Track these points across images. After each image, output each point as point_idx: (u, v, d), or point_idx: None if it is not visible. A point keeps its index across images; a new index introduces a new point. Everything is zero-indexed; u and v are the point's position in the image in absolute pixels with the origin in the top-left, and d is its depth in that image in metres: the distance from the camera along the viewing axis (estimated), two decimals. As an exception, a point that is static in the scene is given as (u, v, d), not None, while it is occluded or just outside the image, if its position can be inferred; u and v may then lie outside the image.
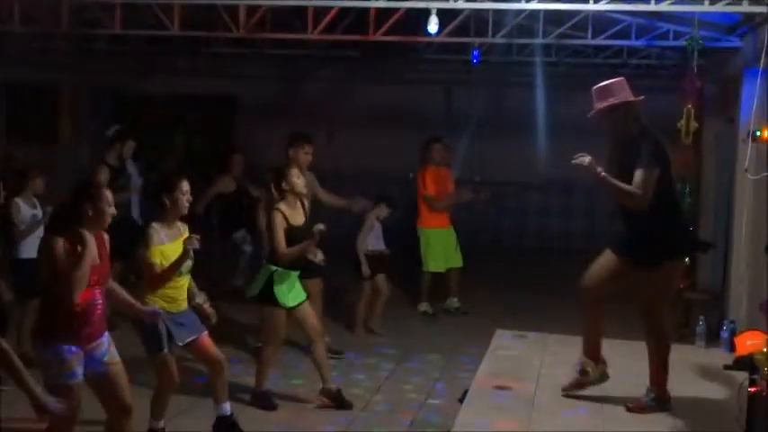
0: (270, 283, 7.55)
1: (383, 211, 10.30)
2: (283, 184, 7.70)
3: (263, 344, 7.90)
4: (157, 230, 6.57)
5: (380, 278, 10.32)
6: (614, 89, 6.61)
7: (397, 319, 10.81)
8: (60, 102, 16.42)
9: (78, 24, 11.07)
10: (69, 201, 5.60)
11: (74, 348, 5.46)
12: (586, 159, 6.44)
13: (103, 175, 10.00)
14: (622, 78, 6.72)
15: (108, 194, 5.66)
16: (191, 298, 6.79)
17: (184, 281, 6.69)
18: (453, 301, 11.64)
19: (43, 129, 15.91)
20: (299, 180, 7.73)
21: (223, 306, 10.10)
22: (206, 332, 6.80)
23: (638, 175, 6.36)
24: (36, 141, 15.01)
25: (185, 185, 6.66)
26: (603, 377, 6.98)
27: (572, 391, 7.00)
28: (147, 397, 6.76)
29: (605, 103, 6.59)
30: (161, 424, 6.77)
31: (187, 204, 6.69)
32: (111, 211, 5.62)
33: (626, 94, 6.60)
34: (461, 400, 7.19)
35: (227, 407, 6.94)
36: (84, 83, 16.48)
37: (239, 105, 17.95)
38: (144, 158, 11.82)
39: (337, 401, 7.76)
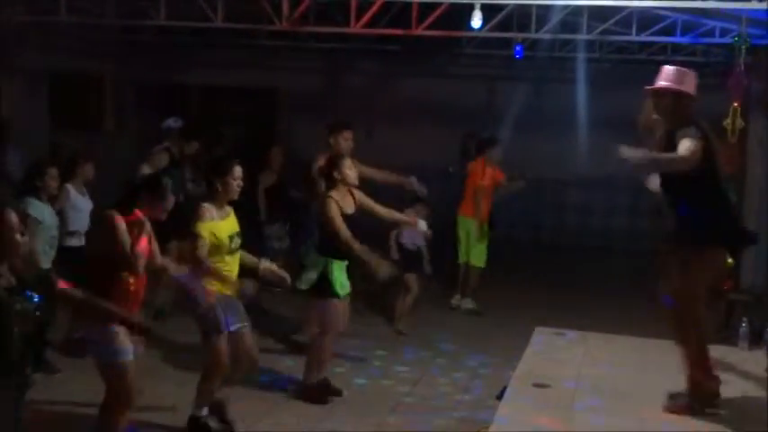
0: (325, 274, 7.54)
1: (423, 210, 10.29)
2: (335, 174, 7.67)
3: (319, 335, 7.74)
4: (208, 209, 6.63)
5: (411, 277, 10.29)
6: (676, 77, 6.50)
7: (435, 315, 10.79)
8: (104, 91, 16.55)
9: (124, 15, 11.15)
10: (132, 189, 5.83)
11: (122, 328, 5.61)
12: (626, 151, 6.32)
13: (163, 161, 10.00)
14: (694, 72, 6.59)
15: (169, 194, 5.84)
16: (254, 267, 6.81)
17: (236, 260, 6.74)
18: (467, 302, 11.59)
19: (87, 117, 16.04)
20: (350, 171, 7.71)
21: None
22: (249, 325, 6.82)
23: (682, 143, 6.22)
24: (79, 129, 15.13)
25: (238, 171, 6.73)
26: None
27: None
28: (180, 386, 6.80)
29: (665, 85, 6.48)
30: (204, 411, 6.77)
31: (238, 189, 6.74)
32: (167, 208, 5.83)
33: (681, 85, 6.48)
34: (499, 398, 7.16)
35: (205, 410, 6.84)
36: (127, 73, 16.60)
37: (281, 98, 17.99)
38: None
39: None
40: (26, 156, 10.73)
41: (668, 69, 6.54)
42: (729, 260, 8.26)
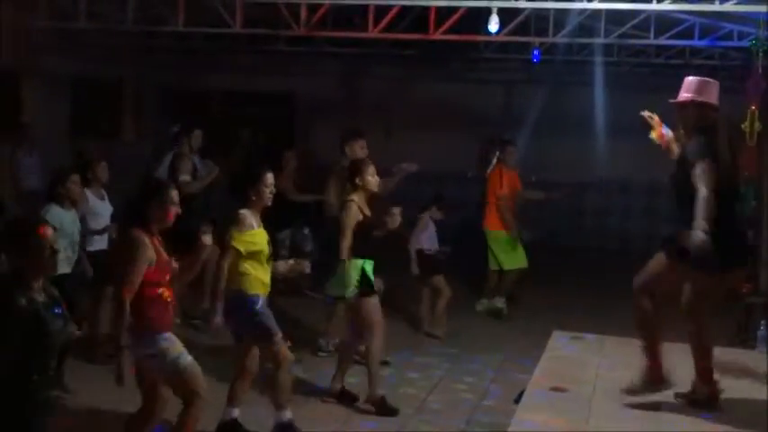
0: (364, 275, 7.53)
1: (436, 213, 10.31)
2: (357, 180, 7.68)
3: (370, 341, 7.61)
4: (247, 216, 6.70)
5: (439, 279, 10.31)
6: (699, 88, 6.51)
7: (453, 319, 10.79)
8: (123, 97, 16.64)
9: (142, 21, 11.21)
10: (137, 198, 5.82)
11: (167, 334, 5.71)
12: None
13: (186, 166, 10.06)
14: (717, 83, 6.58)
15: (176, 195, 5.83)
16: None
17: (269, 268, 6.83)
18: (498, 300, 11.59)
19: (106, 123, 16.12)
20: (372, 178, 7.70)
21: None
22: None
23: (696, 169, 6.25)
24: (99, 136, 15.21)
25: (269, 178, 6.79)
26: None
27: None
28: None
29: (687, 96, 6.49)
30: (287, 415, 6.79)
31: (270, 196, 6.80)
32: (175, 209, 5.80)
33: (704, 96, 6.48)
34: (517, 401, 7.17)
35: (288, 413, 6.85)
36: (146, 79, 16.69)
37: (299, 103, 18.05)
38: (210, 155, 11.80)
39: (342, 397, 7.81)
40: (45, 162, 10.82)
41: (691, 80, 6.54)
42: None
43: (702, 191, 6.16)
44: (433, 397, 8.19)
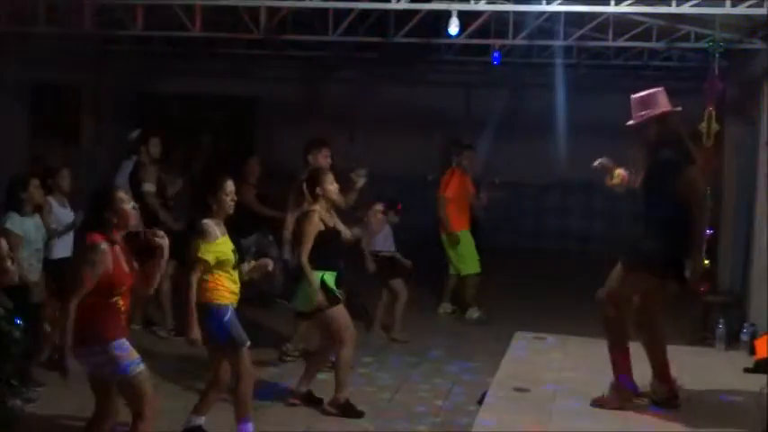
0: (325, 286, 7.48)
1: (393, 218, 10.30)
2: (317, 190, 7.64)
3: (340, 350, 7.57)
4: (211, 225, 6.62)
5: (397, 282, 10.31)
6: (650, 101, 6.57)
7: (417, 322, 10.81)
8: (83, 102, 16.48)
9: (101, 25, 11.13)
10: (91, 208, 5.74)
11: (126, 341, 5.62)
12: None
13: (151, 175, 9.96)
14: (661, 90, 6.66)
15: (125, 195, 5.77)
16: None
17: (237, 276, 6.76)
18: (473, 311, 11.60)
19: (65, 129, 15.96)
20: (332, 186, 7.68)
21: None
22: None
23: (680, 182, 6.36)
24: (58, 141, 15.08)
25: (230, 186, 6.71)
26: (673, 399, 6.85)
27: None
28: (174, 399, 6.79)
29: (640, 117, 6.55)
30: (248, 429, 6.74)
31: (232, 204, 6.73)
32: (132, 210, 5.74)
33: (660, 107, 6.55)
34: (480, 402, 7.20)
35: (250, 426, 6.80)
36: (106, 83, 16.56)
37: (260, 107, 18.00)
38: (170, 160, 11.73)
39: (308, 401, 7.79)
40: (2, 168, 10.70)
41: (638, 99, 6.61)
42: (706, 261, 8.34)
43: (695, 203, 6.26)
44: (397, 398, 8.20)
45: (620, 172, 6.87)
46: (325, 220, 7.60)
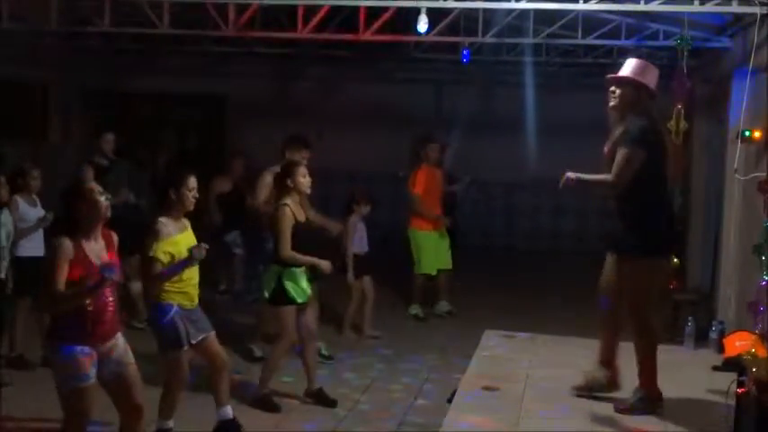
0: (280, 283, 7.49)
1: (365, 208, 10.24)
2: (288, 182, 7.61)
3: (274, 345, 7.73)
4: (165, 224, 6.51)
5: (366, 280, 10.29)
6: (640, 70, 6.59)
7: (388, 321, 10.80)
8: (49, 100, 16.35)
9: (67, 22, 11.01)
10: (63, 204, 5.62)
11: (86, 349, 5.44)
12: (566, 176, 6.49)
13: (88, 174, 9.90)
14: (656, 69, 6.68)
15: (96, 186, 5.66)
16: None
17: (195, 274, 6.65)
18: (443, 305, 11.59)
19: (32, 126, 15.83)
20: (304, 179, 7.65)
21: (219, 308, 10.19)
22: (214, 331, 6.78)
23: (618, 154, 6.37)
24: (24, 139, 14.94)
25: (192, 182, 6.61)
26: (612, 386, 6.92)
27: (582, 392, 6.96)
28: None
29: (628, 74, 6.55)
30: (170, 423, 6.68)
31: (193, 200, 6.63)
32: (105, 201, 5.61)
33: (644, 78, 6.57)
34: (450, 401, 7.18)
35: (229, 410, 6.90)
36: (73, 81, 16.42)
37: (229, 104, 17.92)
38: (134, 156, 11.68)
39: (320, 400, 7.82)
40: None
41: (633, 61, 6.65)
42: (675, 260, 8.37)
43: (611, 177, 6.28)
44: (367, 397, 8.18)
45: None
46: (297, 214, 7.56)
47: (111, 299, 5.58)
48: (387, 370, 9.09)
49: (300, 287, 7.59)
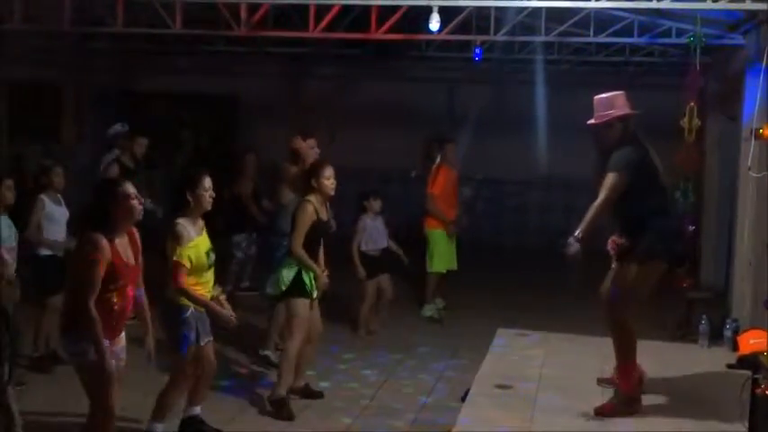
0: (300, 275, 7.46)
1: (376, 203, 10.23)
2: (312, 182, 7.59)
3: (288, 341, 7.57)
4: (185, 227, 6.48)
5: (383, 279, 10.28)
6: (615, 103, 6.63)
7: (401, 318, 10.80)
8: (62, 100, 16.40)
9: (80, 23, 11.04)
10: (94, 202, 5.63)
11: (106, 342, 5.49)
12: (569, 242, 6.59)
13: (118, 174, 9.89)
14: (623, 93, 6.72)
15: (130, 188, 5.67)
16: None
17: (212, 274, 6.67)
18: (438, 302, 11.50)
19: (45, 127, 15.88)
20: (328, 181, 7.59)
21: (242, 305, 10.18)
22: (212, 338, 6.80)
23: (607, 178, 6.48)
24: (38, 140, 15.00)
25: (208, 182, 6.59)
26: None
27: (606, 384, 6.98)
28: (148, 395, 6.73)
29: (605, 116, 6.61)
30: (160, 428, 6.64)
31: (210, 200, 6.61)
32: (138, 205, 5.64)
33: (624, 109, 6.63)
34: (463, 399, 7.18)
35: (198, 409, 6.90)
36: (86, 81, 16.47)
37: (241, 103, 17.93)
38: (152, 157, 11.67)
39: (307, 394, 7.82)
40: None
41: (602, 99, 6.71)
42: (684, 264, 8.40)
43: (600, 199, 6.37)
44: (380, 395, 8.17)
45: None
46: (320, 212, 7.56)
47: (131, 297, 5.69)
48: (400, 368, 9.08)
49: (315, 283, 7.59)
